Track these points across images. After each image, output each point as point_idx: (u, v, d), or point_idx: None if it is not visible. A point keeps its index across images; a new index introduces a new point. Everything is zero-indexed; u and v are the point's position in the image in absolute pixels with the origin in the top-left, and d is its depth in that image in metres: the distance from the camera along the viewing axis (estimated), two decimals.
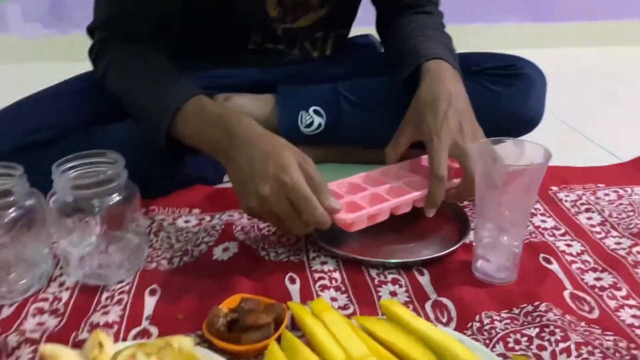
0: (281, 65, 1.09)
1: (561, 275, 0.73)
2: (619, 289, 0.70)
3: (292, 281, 0.72)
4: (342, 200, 0.76)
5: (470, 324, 0.64)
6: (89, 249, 0.73)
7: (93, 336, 0.56)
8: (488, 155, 0.68)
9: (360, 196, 0.79)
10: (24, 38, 1.98)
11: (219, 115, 0.77)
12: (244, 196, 0.71)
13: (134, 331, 0.64)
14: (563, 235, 0.83)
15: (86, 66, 1.02)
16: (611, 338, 0.62)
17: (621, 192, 0.96)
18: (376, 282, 0.72)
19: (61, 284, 0.72)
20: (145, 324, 0.65)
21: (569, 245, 0.80)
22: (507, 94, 1.02)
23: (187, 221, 0.87)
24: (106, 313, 0.66)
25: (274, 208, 0.69)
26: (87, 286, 0.71)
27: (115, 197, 0.70)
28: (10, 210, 0.67)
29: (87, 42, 0.95)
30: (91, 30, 0.95)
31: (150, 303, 0.68)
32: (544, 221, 0.87)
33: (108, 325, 0.64)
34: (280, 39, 1.06)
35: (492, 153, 0.69)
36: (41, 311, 0.67)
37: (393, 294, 0.70)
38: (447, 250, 0.76)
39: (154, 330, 0.64)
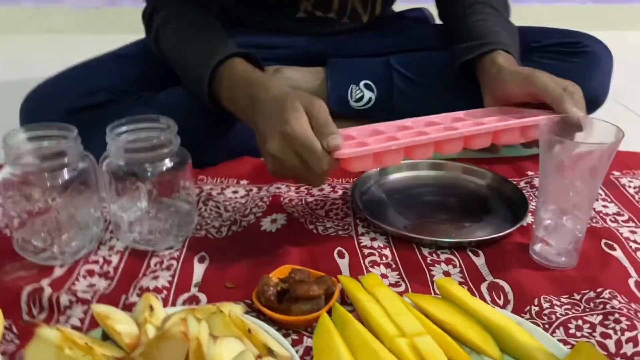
0: (331, 35, 1.06)
1: (625, 262, 0.69)
2: None
3: (341, 256, 0.71)
4: (353, 141, 0.69)
5: (528, 307, 0.61)
6: (139, 214, 0.73)
7: (144, 299, 0.56)
8: (557, 131, 0.65)
9: (373, 138, 0.70)
10: (76, 8, 2.01)
11: (246, 81, 0.76)
12: (264, 159, 0.69)
13: (182, 297, 0.63)
14: (626, 221, 0.79)
15: (136, 38, 1.02)
16: None
17: None
18: (428, 261, 0.70)
19: (111, 248, 0.72)
20: (194, 290, 0.64)
21: (633, 232, 0.76)
22: (568, 71, 0.97)
23: (235, 192, 0.86)
24: (155, 278, 0.65)
25: (285, 164, 0.65)
26: (136, 251, 0.71)
27: (168, 163, 0.69)
28: (64, 171, 0.67)
29: (137, 14, 0.94)
30: None
31: (199, 270, 0.68)
32: (605, 206, 0.83)
33: (157, 290, 0.64)
34: (331, 3, 1.02)
35: (561, 129, 0.66)
36: (92, 273, 0.67)
37: (447, 274, 0.68)
38: (504, 232, 0.73)
39: (202, 297, 0.63)
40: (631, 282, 0.66)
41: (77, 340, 0.50)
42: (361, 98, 1.02)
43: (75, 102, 0.85)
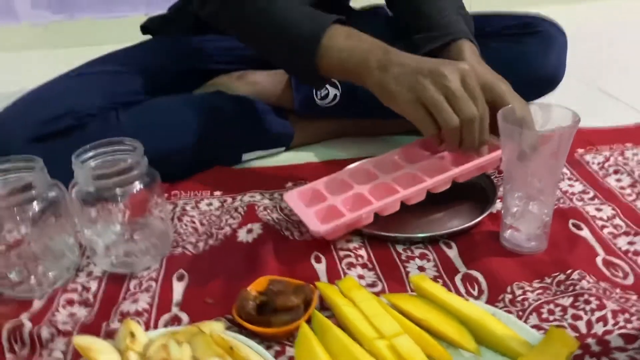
0: None
1: (592, 241, 0.72)
2: None
3: (318, 260, 0.72)
4: (324, 203, 0.75)
5: (502, 295, 0.63)
6: (114, 237, 0.73)
7: (124, 326, 0.57)
8: (515, 121, 0.66)
9: (342, 198, 0.76)
10: (34, 24, 1.97)
11: (371, 38, 0.80)
12: (414, 84, 0.73)
13: (164, 318, 0.64)
14: (592, 199, 0.81)
15: (98, 50, 1.01)
16: None
17: None
18: (403, 257, 0.71)
19: (89, 274, 0.72)
20: (175, 310, 0.65)
21: (598, 210, 0.78)
22: (523, 52, 0.99)
23: (209, 204, 0.86)
24: (135, 301, 0.66)
25: (451, 84, 0.72)
26: (114, 275, 0.71)
27: (137, 185, 0.69)
28: (33, 204, 0.67)
29: (98, 26, 0.93)
30: None
31: (178, 289, 0.68)
32: (571, 185, 0.85)
33: (138, 313, 0.64)
34: None
35: (519, 119, 0.67)
36: (71, 302, 0.67)
37: (421, 269, 0.69)
38: (474, 221, 0.75)
39: (184, 316, 0.64)
40: (598, 260, 0.68)
41: None
42: (326, 96, 1.02)
43: (38, 129, 0.84)
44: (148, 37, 1.11)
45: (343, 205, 0.74)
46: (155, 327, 0.62)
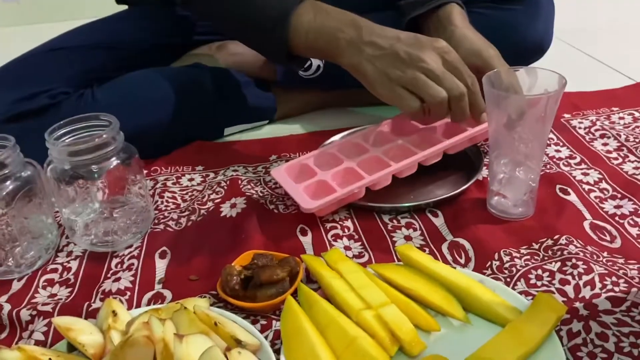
0: None
1: (580, 205, 0.71)
2: None
3: (304, 233, 0.70)
4: (313, 179, 0.73)
5: (489, 263, 0.62)
6: (93, 215, 0.72)
7: (106, 305, 0.55)
8: (501, 86, 0.65)
9: (332, 173, 0.74)
10: (6, 0, 1.91)
11: (341, 11, 0.75)
12: (391, 71, 0.70)
13: (147, 296, 0.62)
14: (579, 164, 0.80)
15: (72, 25, 0.98)
16: (635, 267, 0.60)
17: (637, 114, 0.93)
18: (389, 227, 0.70)
19: (69, 254, 0.70)
20: (157, 287, 0.64)
21: (585, 174, 0.78)
22: (508, 20, 0.96)
23: (191, 179, 0.85)
24: (117, 280, 0.64)
25: (430, 66, 0.69)
26: (95, 253, 0.70)
27: (114, 161, 0.68)
28: (7, 182, 0.65)
29: (71, 0, 0.90)
30: None
31: (161, 266, 0.67)
32: (558, 151, 0.84)
33: (120, 292, 0.63)
34: None
35: (506, 84, 0.66)
36: (51, 283, 0.66)
37: (408, 238, 0.68)
38: (460, 189, 0.74)
39: (167, 293, 0.63)
40: (586, 224, 0.68)
41: (40, 356, 0.49)
42: (309, 67, 1.00)
43: (11, 109, 0.82)
44: (123, 7, 1.07)
45: (333, 180, 0.73)
46: (139, 305, 0.61)
